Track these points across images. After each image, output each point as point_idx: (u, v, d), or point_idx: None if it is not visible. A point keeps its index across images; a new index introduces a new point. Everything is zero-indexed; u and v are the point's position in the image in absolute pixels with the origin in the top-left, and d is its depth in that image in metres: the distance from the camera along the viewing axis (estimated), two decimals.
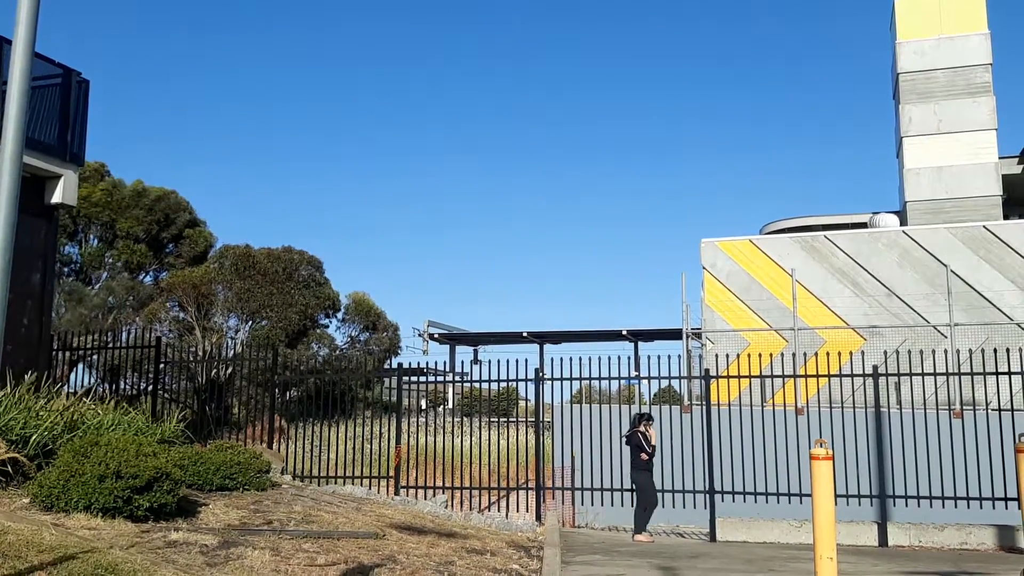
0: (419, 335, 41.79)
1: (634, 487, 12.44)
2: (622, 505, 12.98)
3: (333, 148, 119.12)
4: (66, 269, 29.24)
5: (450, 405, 29.52)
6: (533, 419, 14.03)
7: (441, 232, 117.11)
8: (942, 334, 17.78)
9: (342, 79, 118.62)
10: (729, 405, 13.16)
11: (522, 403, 22.03)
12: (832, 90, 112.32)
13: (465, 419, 20.59)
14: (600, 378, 13.50)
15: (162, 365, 14.94)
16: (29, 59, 4.23)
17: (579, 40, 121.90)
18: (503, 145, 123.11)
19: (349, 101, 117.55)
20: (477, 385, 15.46)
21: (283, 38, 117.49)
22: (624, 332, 38.64)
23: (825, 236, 20.13)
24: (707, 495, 12.63)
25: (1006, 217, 23.73)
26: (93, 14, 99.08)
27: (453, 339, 43.67)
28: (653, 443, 12.37)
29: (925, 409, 12.92)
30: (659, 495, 12.58)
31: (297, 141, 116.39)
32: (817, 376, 13.61)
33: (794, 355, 14.11)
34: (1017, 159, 25.50)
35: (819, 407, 13.30)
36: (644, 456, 12.19)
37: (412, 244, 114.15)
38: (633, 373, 16.22)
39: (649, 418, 12.56)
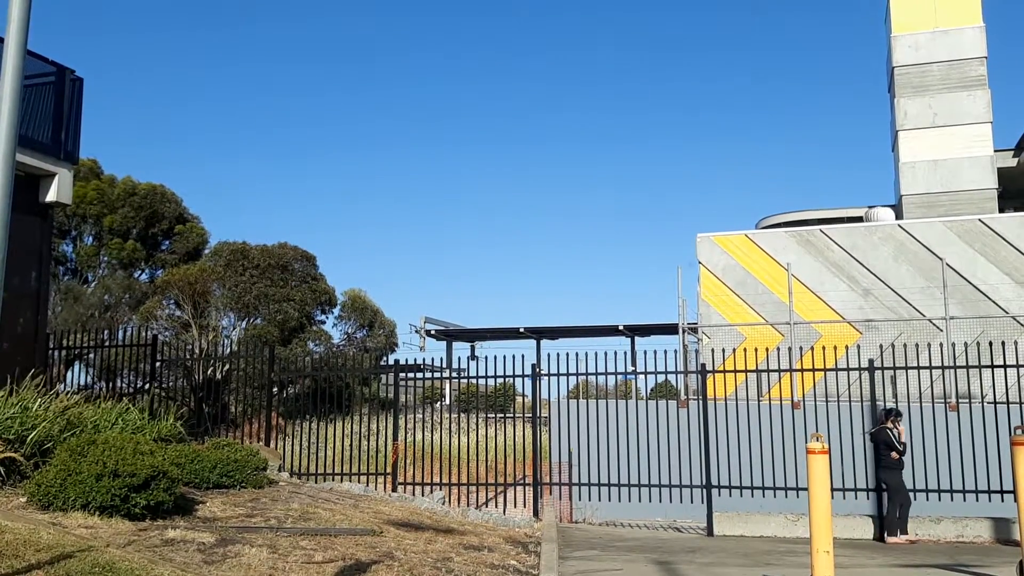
0: (416, 331, 41.78)
1: (884, 487, 12.08)
2: (619, 500, 13.00)
3: (329, 144, 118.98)
4: (61, 268, 29.19)
5: (447, 401, 29.53)
6: (530, 415, 14.04)
7: (437, 228, 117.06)
8: (938, 327, 17.82)
9: (334, 73, 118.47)
10: (726, 400, 13.18)
11: (519, 399, 22.04)
12: (827, 84, 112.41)
13: (462, 415, 20.60)
14: (597, 373, 13.52)
15: (159, 363, 14.92)
16: (21, 57, 4.21)
17: (573, 30, 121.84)
18: (498, 139, 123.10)
19: (343, 94, 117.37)
20: (474, 381, 15.46)
21: (273, 31, 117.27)
22: (621, 327, 38.69)
23: (821, 230, 20.16)
24: (704, 489, 12.65)
25: (1001, 210, 23.77)
26: (80, 7, 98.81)
27: (450, 335, 43.67)
28: (903, 440, 11.97)
29: (921, 402, 12.94)
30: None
31: (292, 136, 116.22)
32: (813, 370, 13.65)
33: (790, 349, 14.16)
34: (1012, 152, 25.56)
35: (815, 401, 13.33)
36: (895, 455, 11.84)
37: (408, 240, 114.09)
38: (630, 368, 16.22)
39: (898, 413, 12.16)
